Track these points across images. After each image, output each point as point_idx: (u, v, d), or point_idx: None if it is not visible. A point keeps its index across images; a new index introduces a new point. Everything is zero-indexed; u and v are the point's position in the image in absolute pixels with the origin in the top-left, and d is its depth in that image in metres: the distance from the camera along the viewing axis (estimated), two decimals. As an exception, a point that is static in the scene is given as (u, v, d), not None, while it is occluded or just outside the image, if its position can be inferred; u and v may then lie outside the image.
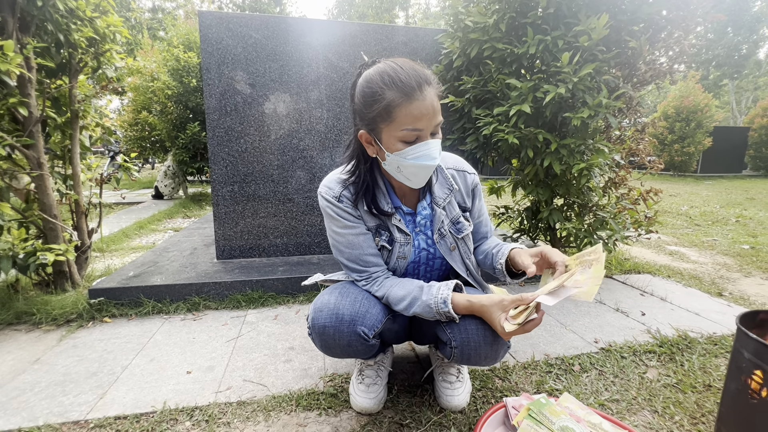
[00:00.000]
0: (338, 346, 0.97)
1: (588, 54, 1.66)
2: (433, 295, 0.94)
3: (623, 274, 2.36)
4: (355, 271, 1.03)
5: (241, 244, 2.28)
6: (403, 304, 0.98)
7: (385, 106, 0.85)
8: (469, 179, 1.12)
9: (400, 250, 1.04)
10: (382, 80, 0.85)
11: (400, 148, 0.88)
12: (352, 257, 1.02)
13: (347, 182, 1.01)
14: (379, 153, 0.94)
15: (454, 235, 1.08)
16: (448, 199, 1.07)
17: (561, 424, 0.98)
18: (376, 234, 1.03)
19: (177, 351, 1.45)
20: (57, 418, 1.09)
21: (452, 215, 1.08)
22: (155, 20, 14.04)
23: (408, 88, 0.83)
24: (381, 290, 1.01)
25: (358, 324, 0.95)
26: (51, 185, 1.82)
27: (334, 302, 0.96)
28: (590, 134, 1.78)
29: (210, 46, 2.09)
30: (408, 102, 0.84)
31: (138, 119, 5.82)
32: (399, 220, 1.03)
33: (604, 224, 1.97)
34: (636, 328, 1.66)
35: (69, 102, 1.90)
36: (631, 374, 1.32)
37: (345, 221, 1.00)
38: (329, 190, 1.01)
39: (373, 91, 0.86)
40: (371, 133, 0.92)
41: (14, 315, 1.66)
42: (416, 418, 1.09)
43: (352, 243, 1.01)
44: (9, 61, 1.47)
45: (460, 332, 0.99)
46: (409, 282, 1.00)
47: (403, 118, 0.85)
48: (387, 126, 0.87)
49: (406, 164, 0.90)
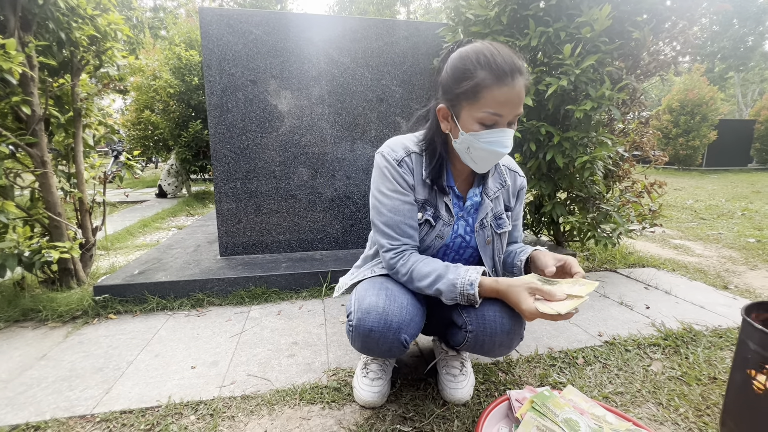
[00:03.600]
0: (378, 349, 0.97)
1: (590, 45, 1.64)
2: (461, 275, 0.94)
3: (627, 268, 2.35)
4: (388, 237, 1.02)
5: (244, 240, 2.28)
6: (427, 281, 0.97)
7: (474, 84, 0.85)
8: (519, 181, 1.14)
9: (441, 230, 1.05)
10: (477, 59, 0.86)
11: (477, 130, 0.89)
12: (392, 222, 1.01)
13: (413, 150, 1.02)
14: (453, 130, 0.95)
15: (493, 228, 1.09)
16: (498, 194, 1.09)
17: (565, 417, 0.98)
18: (421, 208, 1.03)
19: (181, 346, 1.45)
20: (64, 412, 1.10)
21: (497, 210, 1.09)
22: (157, 19, 14.05)
23: (501, 71, 0.84)
24: (407, 265, 1.00)
25: (403, 332, 0.95)
26: (55, 183, 1.83)
27: (383, 306, 0.95)
28: (593, 127, 1.76)
29: (211, 42, 2.08)
30: (498, 85, 0.84)
31: (141, 118, 5.84)
32: (450, 199, 1.04)
33: (608, 218, 1.96)
34: (640, 321, 1.65)
35: (72, 100, 1.91)
36: (636, 367, 1.32)
37: (398, 185, 1.00)
38: (392, 152, 1.02)
39: (466, 67, 0.87)
40: (451, 109, 0.92)
41: (21, 312, 1.68)
42: (419, 411, 1.09)
43: (396, 208, 1.01)
44: (11, 60, 1.48)
45: (477, 317, 0.99)
46: (435, 260, 1.00)
47: (489, 100, 0.85)
48: (470, 105, 0.88)
49: (477, 146, 0.91)
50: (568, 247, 2.43)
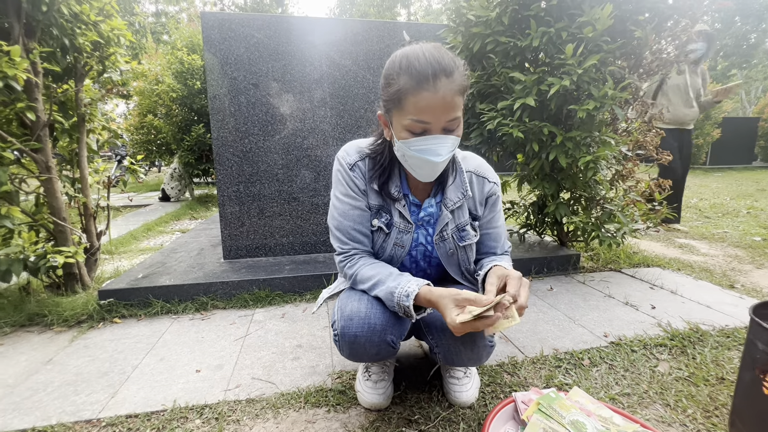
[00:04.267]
0: (367, 354, 0.96)
1: (593, 45, 1.64)
2: (401, 285, 0.91)
3: (632, 268, 2.33)
4: (338, 241, 1.02)
5: (247, 243, 2.29)
6: (368, 285, 0.96)
7: (396, 90, 0.83)
8: (487, 187, 1.06)
9: (398, 237, 1.02)
10: (399, 63, 0.83)
11: (406, 137, 0.86)
12: (342, 227, 1.01)
13: (366, 154, 1.00)
14: (391, 137, 0.93)
15: (456, 241, 1.05)
16: (459, 204, 1.03)
17: (571, 419, 0.97)
18: (376, 214, 1.02)
19: (186, 350, 1.46)
20: (69, 417, 1.10)
21: (459, 221, 1.04)
22: (159, 24, 14.15)
23: (421, 76, 0.79)
24: (353, 268, 0.99)
25: (388, 333, 0.94)
26: (60, 189, 1.84)
27: (365, 311, 0.93)
28: (596, 126, 1.76)
29: (213, 47, 2.09)
30: (417, 91, 0.80)
31: (144, 123, 5.87)
32: (404, 206, 1.01)
33: (612, 217, 1.95)
34: (646, 321, 1.64)
35: (75, 106, 1.92)
36: (642, 368, 1.31)
37: (349, 189, 1.00)
38: (346, 156, 1.01)
39: (390, 73, 0.85)
40: (386, 115, 0.90)
41: (27, 317, 1.69)
42: (425, 414, 1.09)
43: (346, 213, 1.00)
44: (16, 66, 1.49)
45: (441, 338, 1.02)
46: (382, 266, 0.98)
47: (410, 107, 0.82)
48: (397, 112, 0.85)
49: (409, 154, 0.88)
50: (572, 247, 2.42)
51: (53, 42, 1.76)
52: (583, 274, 2.22)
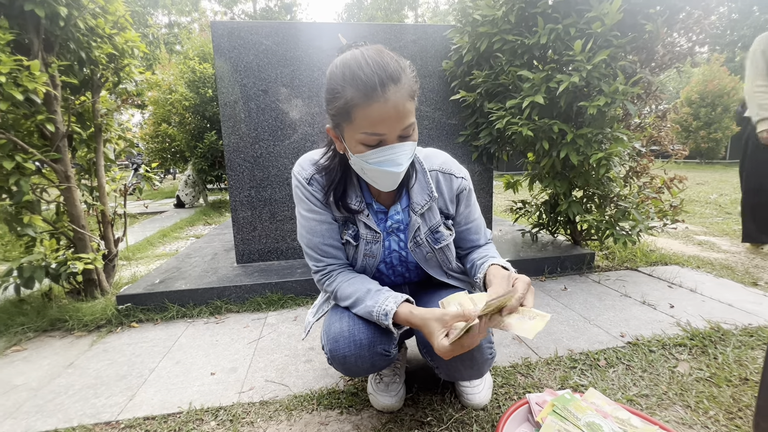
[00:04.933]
0: (362, 369, 0.94)
1: (602, 40, 1.61)
2: (378, 303, 0.89)
3: (649, 266, 2.28)
4: (312, 259, 0.99)
5: (259, 247, 2.32)
6: (347, 302, 0.95)
7: (343, 104, 0.77)
8: (455, 183, 1.01)
9: (367, 248, 0.98)
10: (342, 75, 0.76)
11: (362, 151, 0.80)
12: (312, 244, 0.97)
13: (321, 167, 0.95)
14: (345, 151, 0.86)
15: (431, 244, 1.01)
16: (428, 206, 0.98)
17: (587, 420, 0.95)
18: (343, 226, 0.98)
19: (201, 353, 1.48)
20: (90, 419, 1.13)
21: (431, 223, 1.00)
22: (171, 35, 14.49)
23: (367, 87, 0.73)
24: (333, 285, 0.98)
25: (377, 345, 0.92)
26: (79, 197, 1.90)
27: (347, 329, 0.91)
28: (608, 123, 1.73)
29: (223, 55, 2.13)
30: (366, 103, 0.74)
31: (158, 131, 6.01)
32: (368, 216, 0.97)
33: (626, 215, 1.91)
34: (664, 320, 1.60)
35: (92, 117, 1.98)
36: (661, 368, 1.28)
37: (311, 205, 0.95)
38: (302, 170, 0.96)
39: (334, 86, 0.78)
40: (336, 130, 0.84)
41: (49, 322, 1.74)
42: (437, 416, 1.08)
43: (313, 229, 0.96)
44: (36, 80, 1.54)
45: (438, 358, 0.99)
46: (360, 281, 0.96)
47: (362, 121, 0.76)
48: (348, 126, 0.79)
49: (368, 167, 0.82)
50: (586, 246, 2.38)
51: (70, 55, 1.82)
52: (599, 274, 2.18)
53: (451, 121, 2.40)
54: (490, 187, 2.55)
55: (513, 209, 2.62)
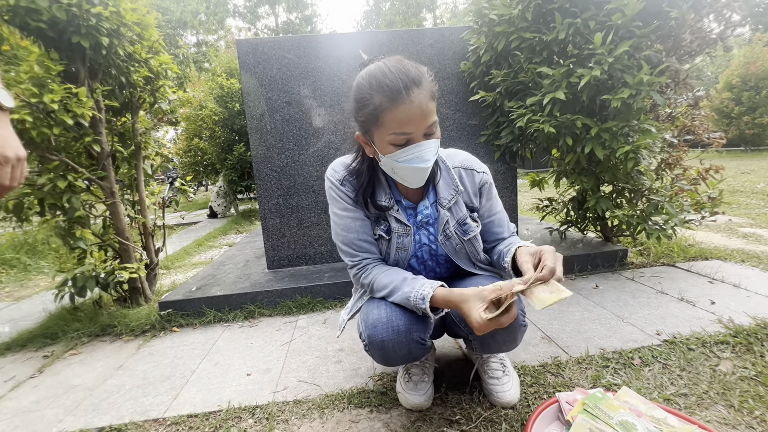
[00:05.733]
0: (398, 356, 0.99)
1: (624, 31, 1.57)
2: (415, 289, 0.93)
3: (687, 262, 2.18)
4: (347, 255, 1.05)
5: (288, 253, 2.40)
6: (385, 292, 0.99)
7: (372, 110, 0.85)
8: (477, 178, 1.08)
9: (399, 241, 1.04)
10: (369, 84, 0.85)
11: (392, 151, 0.88)
12: (347, 240, 1.04)
13: (352, 170, 1.03)
14: (375, 154, 0.95)
15: (460, 236, 1.06)
16: (454, 200, 1.05)
17: (620, 419, 0.94)
18: (375, 223, 1.05)
19: (237, 355, 1.56)
20: (140, 416, 1.22)
21: (459, 216, 1.06)
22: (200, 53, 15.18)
23: (393, 92, 0.82)
24: (368, 277, 1.02)
25: (413, 332, 0.96)
26: (122, 211, 2.05)
27: (386, 316, 0.96)
28: (634, 115, 1.68)
29: (248, 71, 2.24)
30: (394, 106, 0.83)
31: (191, 146, 6.32)
32: (398, 211, 1.03)
33: (659, 209, 1.84)
34: (704, 317, 1.53)
35: (132, 136, 2.13)
36: (701, 367, 1.23)
37: (345, 203, 1.03)
38: (334, 173, 1.05)
39: (362, 95, 0.87)
40: (365, 135, 0.93)
41: (100, 328, 1.88)
42: (466, 415, 1.09)
43: (348, 227, 1.03)
44: (83, 105, 1.69)
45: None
46: (396, 272, 1.01)
47: (390, 123, 0.84)
48: (377, 130, 0.88)
49: (398, 166, 0.90)
50: (618, 243, 2.30)
51: (112, 80, 1.97)
52: (632, 270, 2.10)
53: (472, 122, 2.40)
54: (515, 185, 2.53)
55: (539, 207, 2.57)
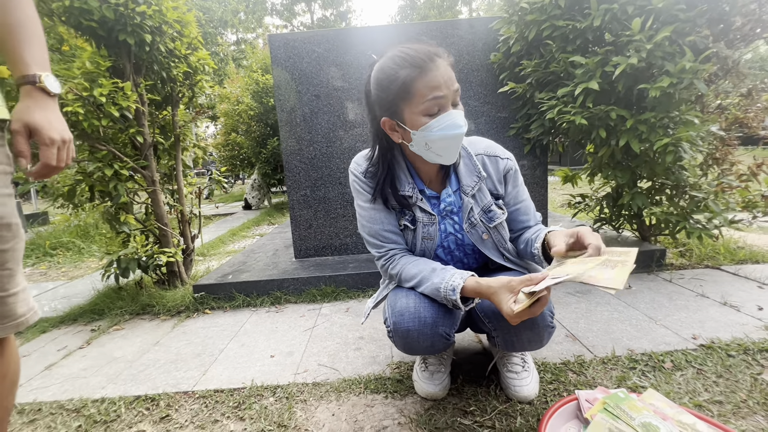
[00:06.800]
0: (421, 347, 0.99)
1: (666, 16, 1.47)
2: (445, 279, 0.92)
3: (735, 265, 2.03)
4: (374, 246, 1.06)
5: (315, 244, 2.46)
6: (413, 282, 0.98)
7: (401, 84, 0.87)
8: (501, 164, 1.07)
9: (425, 231, 1.04)
10: (394, 62, 0.88)
11: (425, 122, 0.89)
12: (372, 232, 1.04)
13: (374, 161, 1.04)
14: (404, 136, 0.94)
15: (485, 224, 1.04)
16: (477, 187, 1.04)
17: (642, 421, 0.90)
18: (400, 214, 1.05)
19: (262, 338, 1.63)
20: (172, 388, 1.31)
21: (483, 203, 1.04)
22: (239, 51, 15.73)
23: (419, 61, 0.85)
24: (396, 267, 1.02)
25: (439, 326, 0.96)
26: (162, 199, 2.18)
27: (414, 306, 0.96)
28: (675, 105, 1.57)
29: (279, 65, 2.31)
30: (423, 74, 0.85)
31: (228, 140, 6.60)
32: (422, 200, 1.03)
33: (702, 206, 1.72)
34: (749, 323, 1.43)
35: (172, 128, 2.25)
36: (741, 375, 1.15)
37: (369, 195, 1.03)
38: (357, 166, 1.06)
39: (387, 74, 0.89)
40: (393, 117, 0.93)
41: (140, 307, 2.02)
42: (481, 407, 1.08)
43: (373, 218, 1.04)
44: (128, 99, 1.81)
45: (497, 320, 1.00)
46: (424, 262, 1.00)
47: (422, 90, 0.86)
48: (408, 104, 0.88)
49: (433, 138, 0.90)
50: (656, 243, 2.18)
51: (154, 75, 2.10)
52: (671, 272, 1.98)
53: (501, 114, 2.35)
54: (545, 180, 2.45)
55: (571, 204, 2.48)
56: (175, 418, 1.16)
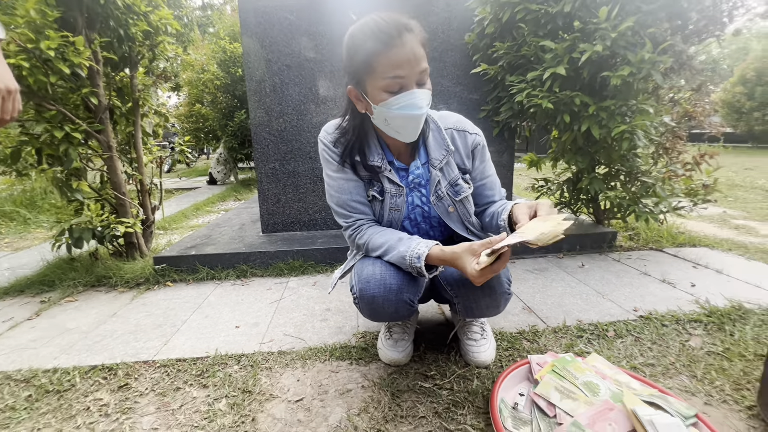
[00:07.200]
0: (386, 313, 1.01)
1: (631, 6, 1.54)
2: (411, 248, 0.95)
3: (676, 247, 2.21)
4: (341, 216, 1.07)
5: (283, 218, 2.43)
6: (380, 251, 1.01)
7: (365, 57, 0.86)
8: (470, 139, 1.08)
9: (392, 202, 1.05)
10: (362, 32, 0.87)
11: (385, 98, 0.88)
12: (341, 202, 1.05)
13: (344, 130, 1.03)
14: (367, 108, 0.94)
15: (452, 197, 1.07)
16: (446, 160, 1.05)
17: (585, 380, 0.99)
18: (369, 185, 1.06)
19: (227, 310, 1.61)
20: (131, 358, 1.28)
21: (450, 177, 1.06)
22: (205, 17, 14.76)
23: (386, 36, 0.83)
24: (363, 237, 1.04)
25: (404, 292, 0.99)
26: (119, 167, 2.06)
27: (380, 273, 0.98)
28: (633, 94, 1.66)
29: (249, 31, 2.20)
30: (387, 50, 0.84)
31: (193, 111, 6.26)
32: (390, 171, 1.04)
33: (650, 191, 1.85)
34: (683, 298, 1.58)
35: (131, 92, 2.11)
36: (671, 342, 1.27)
37: (338, 165, 1.03)
38: (327, 135, 1.05)
39: (354, 43, 0.88)
40: (357, 87, 0.92)
41: (96, 278, 1.93)
42: (441, 371, 1.14)
43: (341, 188, 1.04)
44: (80, 55, 1.67)
45: (460, 289, 1.05)
46: (391, 232, 1.03)
47: (384, 67, 0.85)
48: (370, 77, 0.88)
49: (392, 115, 0.90)
50: (609, 226, 2.33)
51: (110, 32, 1.94)
52: (620, 253, 2.14)
53: (473, 96, 2.38)
54: (512, 163, 2.53)
55: (535, 187, 2.58)
56: (135, 386, 1.14)
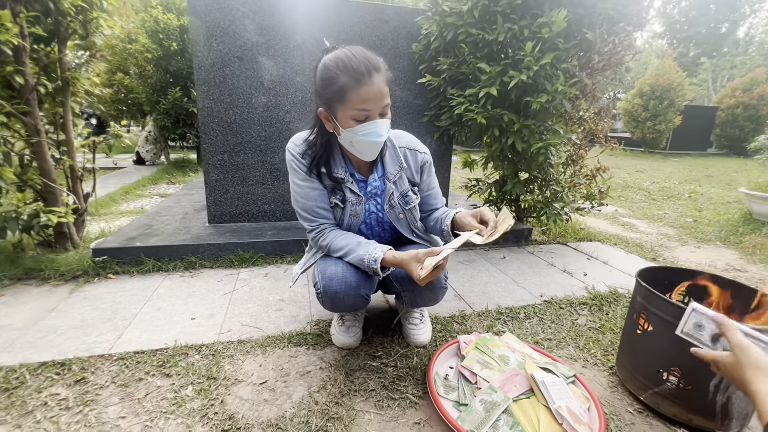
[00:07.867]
0: (345, 305, 1.20)
1: (550, 44, 1.83)
2: (368, 252, 1.12)
3: (576, 242, 2.66)
4: (306, 220, 1.22)
5: (231, 210, 2.44)
6: (341, 253, 1.18)
7: (338, 88, 0.99)
8: (419, 158, 1.28)
9: (353, 209, 1.22)
10: (336, 66, 0.99)
11: (352, 126, 1.03)
12: (306, 207, 1.20)
13: (311, 143, 1.16)
14: (335, 129, 1.09)
15: (402, 206, 1.26)
16: (399, 175, 1.24)
17: (499, 353, 1.26)
18: (332, 193, 1.21)
19: (180, 302, 1.65)
20: (84, 352, 1.29)
21: (402, 189, 1.25)
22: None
23: (358, 74, 0.97)
24: (326, 240, 1.20)
25: (361, 288, 1.18)
26: (48, 151, 1.92)
27: (342, 272, 1.15)
28: (549, 116, 1.99)
29: (198, 17, 2.14)
30: (358, 86, 0.98)
31: (113, 80, 5.66)
32: (352, 182, 1.20)
33: (559, 197, 2.23)
34: (577, 285, 1.96)
35: (60, 70, 1.96)
36: (565, 320, 1.61)
37: (305, 174, 1.17)
38: (295, 147, 1.18)
39: (329, 75, 1.00)
40: (328, 111, 1.06)
41: (23, 271, 1.81)
42: (386, 352, 1.34)
43: (307, 195, 1.18)
44: (7, 31, 1.54)
45: (405, 283, 1.27)
46: (350, 236, 1.20)
47: (354, 100, 0.99)
48: (341, 106, 1.02)
49: (357, 140, 1.06)
50: (527, 223, 2.72)
51: (38, 5, 1.78)
52: (534, 246, 2.53)
53: (417, 102, 2.58)
54: (449, 164, 2.80)
55: (468, 186, 2.89)
56: (93, 380, 1.18)
